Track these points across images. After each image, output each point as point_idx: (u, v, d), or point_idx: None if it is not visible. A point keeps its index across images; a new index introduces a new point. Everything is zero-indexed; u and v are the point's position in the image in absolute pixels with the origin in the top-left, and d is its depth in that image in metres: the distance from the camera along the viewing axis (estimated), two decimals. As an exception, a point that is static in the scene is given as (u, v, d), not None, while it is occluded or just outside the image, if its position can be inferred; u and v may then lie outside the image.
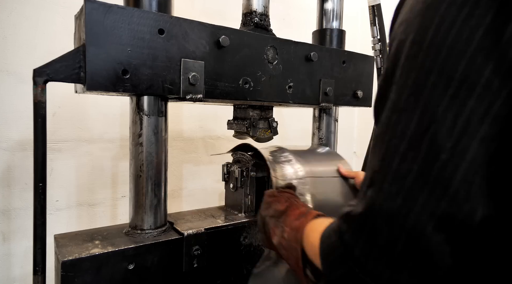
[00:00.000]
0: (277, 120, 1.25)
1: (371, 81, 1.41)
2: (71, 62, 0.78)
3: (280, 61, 1.11)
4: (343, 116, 1.69)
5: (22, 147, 1.36)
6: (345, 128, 2.61)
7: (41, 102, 0.76)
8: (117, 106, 1.56)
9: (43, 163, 0.78)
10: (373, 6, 1.57)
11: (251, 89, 1.05)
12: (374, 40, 1.62)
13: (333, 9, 1.35)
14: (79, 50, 0.79)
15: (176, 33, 0.90)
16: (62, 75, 0.78)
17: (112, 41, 0.80)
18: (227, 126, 1.26)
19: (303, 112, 2.21)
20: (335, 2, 1.35)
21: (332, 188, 1.03)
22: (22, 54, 1.32)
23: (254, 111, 1.18)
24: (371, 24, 1.57)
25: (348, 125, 2.65)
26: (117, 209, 1.61)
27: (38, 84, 0.75)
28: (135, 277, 0.89)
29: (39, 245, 0.78)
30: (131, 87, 0.84)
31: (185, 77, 0.91)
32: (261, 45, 1.06)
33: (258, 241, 1.13)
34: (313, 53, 1.17)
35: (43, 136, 0.77)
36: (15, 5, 1.31)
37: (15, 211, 1.37)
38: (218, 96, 0.99)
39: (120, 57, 0.82)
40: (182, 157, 1.80)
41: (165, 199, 1.00)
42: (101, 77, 0.80)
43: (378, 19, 1.56)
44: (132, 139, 0.95)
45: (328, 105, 1.26)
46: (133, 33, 0.83)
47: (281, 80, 1.12)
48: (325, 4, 1.35)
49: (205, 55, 0.95)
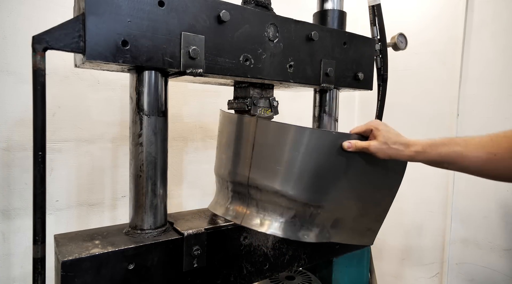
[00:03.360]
0: (277, 100, 1.24)
1: (372, 63, 1.41)
2: (71, 30, 0.78)
3: (281, 39, 1.11)
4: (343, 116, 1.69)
5: (22, 146, 1.36)
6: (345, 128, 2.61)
7: (41, 70, 0.76)
8: (117, 106, 1.56)
9: (42, 131, 0.78)
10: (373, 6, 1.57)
11: (251, 67, 1.06)
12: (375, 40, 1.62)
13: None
14: (78, 18, 0.79)
15: (177, 6, 0.90)
16: (61, 43, 0.77)
17: (111, 11, 0.81)
18: (227, 106, 1.25)
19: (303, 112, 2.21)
20: None
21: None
22: (22, 54, 1.32)
23: (254, 90, 1.18)
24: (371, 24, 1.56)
25: (348, 125, 2.64)
26: (117, 209, 1.61)
27: (37, 51, 0.75)
28: (135, 277, 0.89)
29: (39, 214, 0.78)
30: (131, 58, 0.84)
31: (185, 51, 0.91)
32: (262, 22, 1.07)
33: (258, 240, 1.13)
34: (314, 33, 1.17)
35: (42, 104, 0.77)
36: (15, 5, 1.31)
37: (15, 211, 1.37)
38: (218, 72, 0.99)
39: (120, 27, 0.82)
40: (182, 157, 1.80)
41: (165, 199, 1.00)
42: (100, 47, 0.80)
43: (378, 19, 1.56)
44: (132, 139, 0.95)
45: (329, 86, 1.26)
46: (133, 3, 0.83)
47: (282, 58, 1.13)
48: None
49: (206, 29, 0.95)
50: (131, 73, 0.95)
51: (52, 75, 1.40)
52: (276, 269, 1.19)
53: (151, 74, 0.93)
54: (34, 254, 0.78)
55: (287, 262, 1.21)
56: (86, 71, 1.47)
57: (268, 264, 1.16)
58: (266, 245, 1.15)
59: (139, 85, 0.93)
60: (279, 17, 1.11)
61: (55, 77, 1.41)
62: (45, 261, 0.80)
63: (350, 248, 1.42)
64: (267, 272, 1.16)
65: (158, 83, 0.94)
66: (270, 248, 1.16)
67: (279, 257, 1.19)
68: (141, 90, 0.93)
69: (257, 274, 1.14)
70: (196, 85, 1.75)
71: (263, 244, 1.15)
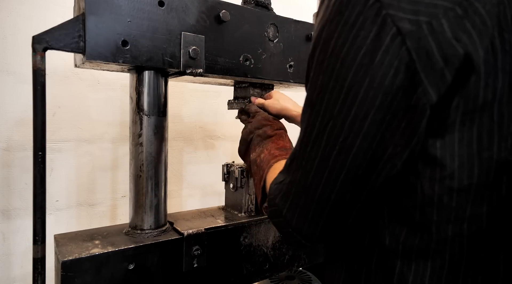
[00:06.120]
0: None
1: None
2: (71, 30, 0.78)
3: (281, 39, 1.12)
4: (343, 116, 1.69)
5: (22, 146, 1.36)
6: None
7: (41, 70, 0.76)
8: (117, 106, 1.56)
9: (42, 131, 0.78)
10: (373, 6, 1.57)
11: (251, 66, 1.06)
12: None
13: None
14: (78, 19, 0.79)
15: (176, 6, 0.90)
16: (61, 43, 0.78)
17: (111, 11, 0.81)
18: (227, 106, 1.25)
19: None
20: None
21: None
22: (22, 54, 1.32)
23: (254, 90, 1.18)
24: (371, 24, 1.57)
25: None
26: (117, 209, 1.61)
27: (37, 51, 0.75)
28: (135, 277, 0.89)
29: (39, 214, 0.78)
30: (131, 58, 0.84)
31: (185, 50, 0.92)
32: (262, 22, 1.07)
33: (258, 240, 1.13)
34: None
35: (42, 104, 0.77)
36: (15, 5, 1.31)
37: (15, 211, 1.37)
38: (218, 72, 0.99)
39: (120, 27, 0.82)
40: (182, 157, 1.80)
41: (165, 199, 1.00)
42: (100, 47, 0.80)
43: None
44: (132, 139, 0.95)
45: None
46: (133, 3, 0.83)
47: (282, 58, 1.13)
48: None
49: (206, 29, 0.95)
50: (131, 73, 0.95)
51: (52, 75, 1.40)
52: (276, 269, 1.19)
53: (151, 74, 0.93)
54: (34, 254, 0.78)
55: (287, 262, 1.21)
56: (86, 71, 1.47)
57: (268, 264, 1.16)
58: (266, 245, 1.15)
59: (139, 85, 0.93)
60: (279, 17, 1.11)
61: (55, 77, 1.41)
62: (45, 261, 0.80)
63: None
64: (267, 272, 1.16)
65: (158, 83, 0.94)
66: (270, 248, 1.16)
67: (279, 257, 1.19)
68: (141, 90, 0.93)
69: (257, 274, 1.14)
70: (196, 85, 1.75)
71: (263, 244, 1.15)
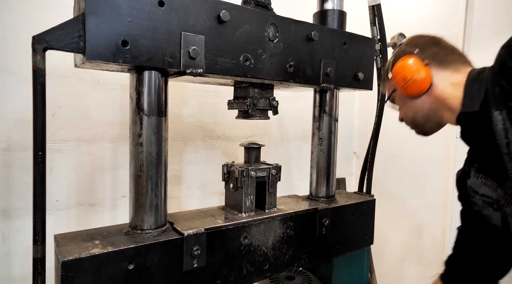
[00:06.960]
0: (277, 100, 1.23)
1: (372, 64, 1.41)
2: (71, 30, 0.78)
3: (281, 39, 1.12)
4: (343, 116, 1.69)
5: (22, 146, 1.36)
6: (345, 129, 2.61)
7: (41, 70, 0.76)
8: (117, 106, 1.56)
9: (42, 131, 0.78)
10: (373, 6, 1.57)
11: (251, 66, 1.06)
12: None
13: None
14: (78, 19, 0.79)
15: (177, 5, 0.90)
16: (61, 43, 0.78)
17: (111, 11, 0.81)
18: (227, 106, 1.25)
19: (303, 112, 2.21)
20: None
21: None
22: (22, 54, 1.32)
23: (254, 90, 1.18)
24: (371, 24, 1.57)
25: (348, 125, 2.65)
26: (117, 209, 1.61)
27: (37, 51, 0.76)
28: (135, 277, 0.89)
29: (39, 214, 0.79)
30: (131, 58, 0.84)
31: (185, 50, 0.92)
32: (262, 22, 1.07)
33: (258, 240, 1.13)
34: (314, 33, 1.17)
35: (42, 104, 0.78)
36: (15, 5, 1.31)
37: (15, 211, 1.37)
38: (218, 72, 0.99)
39: (120, 27, 0.82)
40: (182, 157, 1.80)
41: (165, 199, 1.00)
42: (100, 47, 0.80)
43: (378, 19, 1.56)
44: (132, 139, 0.95)
45: (329, 86, 1.26)
46: (133, 3, 0.83)
47: (282, 58, 1.13)
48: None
49: (206, 29, 0.95)
50: (131, 73, 0.95)
51: (52, 75, 1.40)
52: (276, 269, 1.19)
53: (151, 74, 0.93)
54: (34, 254, 0.78)
55: (287, 262, 1.21)
56: (86, 71, 1.47)
57: (268, 264, 1.16)
58: (266, 245, 1.15)
59: (139, 85, 0.93)
60: (279, 17, 1.11)
61: (55, 77, 1.41)
62: (45, 261, 0.80)
63: (350, 248, 1.42)
64: (267, 272, 1.16)
65: (158, 83, 0.94)
66: (270, 248, 1.16)
67: (279, 257, 1.19)
68: (141, 90, 0.93)
69: (257, 274, 1.14)
70: (196, 85, 1.75)
71: (263, 244, 1.15)
